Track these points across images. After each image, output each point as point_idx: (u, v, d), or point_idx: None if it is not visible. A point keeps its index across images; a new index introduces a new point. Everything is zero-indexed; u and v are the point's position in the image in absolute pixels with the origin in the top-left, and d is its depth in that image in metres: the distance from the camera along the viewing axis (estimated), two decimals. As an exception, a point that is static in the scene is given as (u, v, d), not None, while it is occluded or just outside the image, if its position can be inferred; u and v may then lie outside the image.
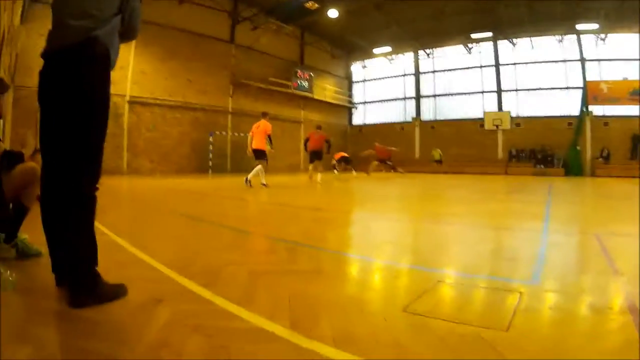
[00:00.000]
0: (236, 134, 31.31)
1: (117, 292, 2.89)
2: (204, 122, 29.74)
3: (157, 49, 26.12)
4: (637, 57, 33.30)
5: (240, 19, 31.99)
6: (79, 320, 2.46)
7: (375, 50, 41.71)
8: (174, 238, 5.25)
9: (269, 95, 34.70)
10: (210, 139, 28.84)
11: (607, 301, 2.98)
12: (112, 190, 13.04)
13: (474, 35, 37.43)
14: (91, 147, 2.91)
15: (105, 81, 2.94)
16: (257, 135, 15.60)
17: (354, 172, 29.38)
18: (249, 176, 14.94)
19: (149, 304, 2.73)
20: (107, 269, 3.53)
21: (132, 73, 24.89)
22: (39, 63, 2.85)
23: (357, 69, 47.53)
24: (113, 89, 3.15)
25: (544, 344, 2.21)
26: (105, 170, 18.32)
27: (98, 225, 5.18)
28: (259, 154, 15.48)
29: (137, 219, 7.28)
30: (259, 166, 15.28)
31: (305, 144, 21.01)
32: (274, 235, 5.59)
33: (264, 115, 16.32)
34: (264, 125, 15.87)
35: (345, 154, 30.82)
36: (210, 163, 28.66)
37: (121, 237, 4.80)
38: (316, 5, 30.04)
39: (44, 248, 3.27)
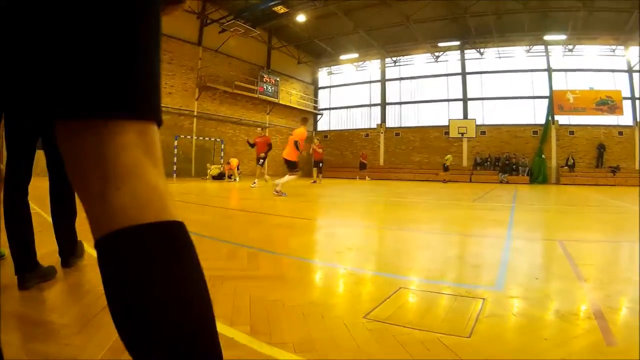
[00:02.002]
0: (201, 138, 31.14)
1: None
2: (169, 125, 29.49)
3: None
4: (604, 68, 34.10)
5: (208, 21, 31.84)
6: (42, 324, 2.43)
7: (342, 57, 41.94)
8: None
9: (235, 99, 34.64)
10: (175, 142, 28.60)
11: (571, 307, 3.02)
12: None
13: (441, 44, 37.80)
14: None
15: None
16: (288, 144, 15.08)
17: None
18: (278, 186, 13.87)
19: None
20: (69, 271, 3.50)
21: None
22: None
23: (323, 75, 47.58)
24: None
25: (507, 349, 2.23)
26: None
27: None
28: (290, 165, 14.91)
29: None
30: (289, 176, 14.72)
31: (251, 145, 20.94)
32: (235, 240, 5.56)
33: (304, 121, 15.66)
34: (296, 132, 15.04)
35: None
36: (175, 167, 28.42)
37: (83, 239, 4.73)
38: (285, 9, 30.10)
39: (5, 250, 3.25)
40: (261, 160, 20.19)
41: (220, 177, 27.05)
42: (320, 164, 28.00)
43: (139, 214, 0.95)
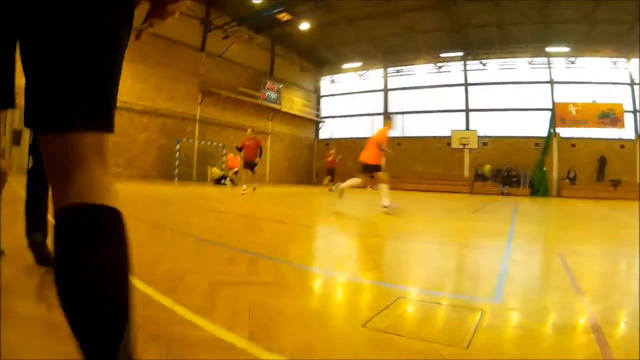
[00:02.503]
0: (203, 143, 31.16)
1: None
2: (171, 129, 29.56)
3: (128, 51, 25.80)
4: (606, 80, 34.17)
5: (212, 27, 31.97)
6: (39, 321, 2.43)
7: (345, 65, 42.09)
8: (136, 244, 5.18)
9: (237, 105, 34.73)
10: (177, 146, 28.62)
11: (569, 320, 3.02)
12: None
13: (443, 55, 37.86)
14: None
15: None
16: (369, 146, 12.83)
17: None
18: (384, 199, 11.71)
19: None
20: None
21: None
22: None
23: (326, 83, 47.72)
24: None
25: (504, 361, 2.23)
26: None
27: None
28: (367, 169, 12.52)
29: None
30: (356, 180, 12.81)
31: (239, 150, 19.01)
32: (236, 245, 5.56)
33: (387, 118, 14.28)
34: (379, 132, 13.33)
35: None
36: (177, 171, 28.44)
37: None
38: (288, 16, 30.22)
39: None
40: (254, 168, 18.51)
41: (221, 180, 27.05)
42: (333, 172, 28.13)
43: (86, 197, 1.26)
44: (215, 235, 6.68)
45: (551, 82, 35.93)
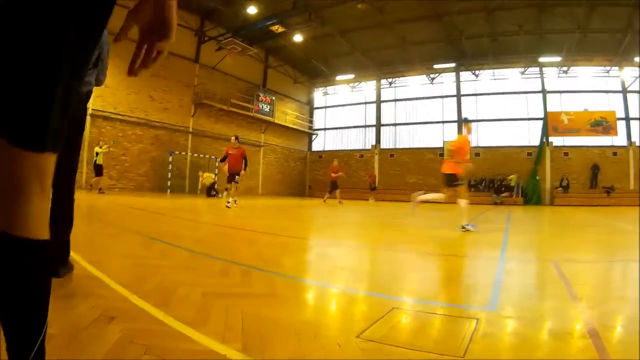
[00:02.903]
0: (196, 155, 31.12)
1: None
2: (164, 141, 29.55)
3: (120, 62, 25.78)
4: (598, 89, 34.45)
5: (206, 39, 32.04)
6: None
7: (338, 77, 42.29)
8: (128, 256, 5.17)
9: (230, 117, 34.79)
10: (170, 158, 28.57)
11: (566, 326, 3.00)
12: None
13: (436, 66, 38.05)
14: None
15: None
16: (449, 155, 11.60)
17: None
18: (463, 220, 10.70)
19: (101, 321, 2.67)
20: (60, 283, 3.48)
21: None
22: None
23: (318, 95, 47.86)
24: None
25: (500, 370, 2.21)
26: (61, 185, 17.99)
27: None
28: (449, 180, 11.28)
29: (93, 234, 7.16)
30: (439, 195, 11.69)
31: (222, 161, 17.98)
32: (228, 257, 5.54)
33: (465, 123, 12.07)
34: (457, 140, 11.69)
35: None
36: (169, 183, 28.37)
37: (76, 251, 4.71)
38: (282, 29, 30.31)
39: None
40: (236, 177, 17.10)
41: (211, 191, 27.04)
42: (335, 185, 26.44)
43: (16, 226, 1.29)
44: (206, 246, 6.66)
45: (543, 91, 36.18)
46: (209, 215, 12.91)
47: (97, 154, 22.14)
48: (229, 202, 16.27)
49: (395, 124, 43.19)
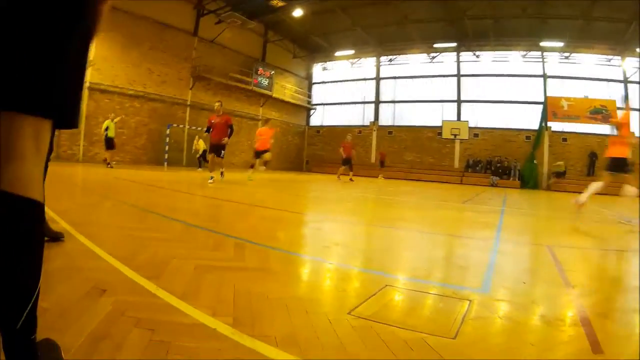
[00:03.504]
0: (194, 128, 31.01)
1: None
2: (162, 114, 29.45)
3: (119, 35, 25.76)
4: (599, 77, 34.31)
5: (205, 12, 31.80)
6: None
7: (338, 53, 42.09)
8: (122, 228, 5.15)
9: (229, 90, 34.61)
10: (168, 131, 28.47)
11: (558, 312, 3.01)
12: (67, 178, 12.84)
13: (437, 45, 37.86)
14: None
15: None
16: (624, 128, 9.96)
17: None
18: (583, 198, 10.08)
19: (92, 293, 2.67)
20: (54, 255, 3.49)
21: (94, 58, 24.33)
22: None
23: (318, 70, 47.65)
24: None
25: (492, 352, 2.21)
26: (61, 158, 17.92)
27: (50, 212, 5.09)
28: (617, 164, 9.68)
29: (88, 207, 7.14)
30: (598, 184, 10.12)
31: (207, 132, 15.59)
32: (223, 230, 5.53)
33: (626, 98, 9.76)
34: (625, 115, 10.49)
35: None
36: (166, 156, 28.30)
37: (71, 225, 4.71)
38: (282, 2, 30.09)
39: None
40: (222, 152, 15.38)
41: (201, 160, 26.89)
42: (350, 162, 24.75)
43: (13, 186, 1.38)
44: (200, 219, 6.65)
45: (544, 76, 36.02)
46: (206, 188, 12.85)
47: (107, 127, 21.79)
48: (212, 180, 14.47)
49: (394, 102, 43.08)
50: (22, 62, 1.35)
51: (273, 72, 39.58)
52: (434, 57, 40.70)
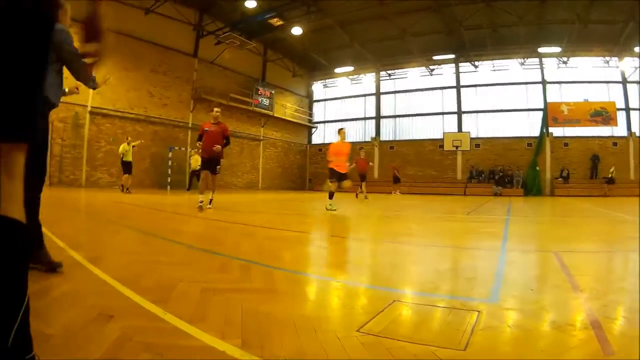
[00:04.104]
0: (195, 150, 31.06)
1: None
2: (163, 137, 29.55)
3: (120, 58, 25.90)
4: (598, 79, 34.43)
5: (204, 33, 32.01)
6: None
7: (337, 70, 42.17)
8: (127, 253, 5.15)
9: (230, 111, 34.69)
10: (170, 154, 28.51)
11: (568, 318, 2.98)
12: (70, 203, 12.86)
13: (436, 57, 37.98)
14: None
15: None
16: None
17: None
18: None
19: (99, 319, 2.66)
20: (60, 281, 3.49)
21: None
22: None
23: (318, 88, 47.79)
24: (75, 99, 3.77)
25: (503, 362, 2.19)
26: (63, 182, 17.95)
27: (53, 237, 5.09)
28: None
29: (92, 232, 7.16)
30: None
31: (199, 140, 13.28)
32: (228, 252, 5.52)
33: None
34: None
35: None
36: (169, 179, 28.31)
37: (75, 250, 4.71)
38: (280, 21, 30.27)
39: None
40: (217, 167, 12.92)
41: (192, 178, 26.20)
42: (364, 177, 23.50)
43: None
44: (205, 242, 6.64)
45: (543, 82, 36.14)
46: (210, 211, 12.82)
47: (124, 151, 21.54)
48: (201, 203, 12.07)
49: (395, 116, 43.20)
50: None
51: (273, 91, 39.75)
52: (433, 70, 40.83)
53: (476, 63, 38.34)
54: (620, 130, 34.36)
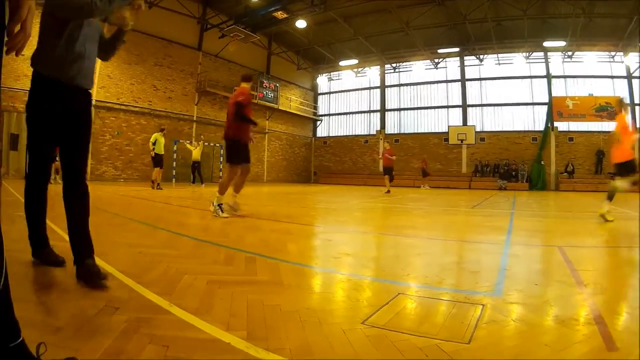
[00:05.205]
0: (200, 143, 31.09)
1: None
2: (168, 130, 29.43)
3: (124, 52, 25.92)
4: (603, 74, 34.30)
5: (208, 26, 31.98)
6: (37, 326, 2.40)
7: (342, 63, 42.02)
8: (133, 246, 5.16)
9: (235, 104, 34.57)
10: (175, 147, 28.49)
11: (571, 312, 2.99)
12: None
13: (440, 50, 37.86)
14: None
15: None
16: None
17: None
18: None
19: (106, 311, 2.69)
20: (67, 275, 3.50)
21: (98, 76, 24.55)
22: None
23: (322, 80, 47.72)
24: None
25: (506, 355, 2.21)
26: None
27: (59, 231, 5.10)
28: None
29: (98, 225, 7.15)
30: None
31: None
32: (233, 245, 5.52)
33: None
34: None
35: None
36: (174, 172, 28.32)
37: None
38: (285, 14, 30.17)
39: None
40: (238, 153, 9.42)
41: (195, 172, 25.57)
42: (391, 172, 23.21)
43: None
44: (210, 234, 6.65)
45: (548, 76, 36.00)
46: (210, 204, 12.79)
47: (154, 142, 19.75)
48: (218, 208, 9.02)
49: (399, 109, 43.16)
50: None
51: (278, 84, 39.75)
52: (437, 63, 40.73)
53: (481, 56, 38.22)
54: (625, 126, 34.17)
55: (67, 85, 3.57)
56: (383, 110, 43.73)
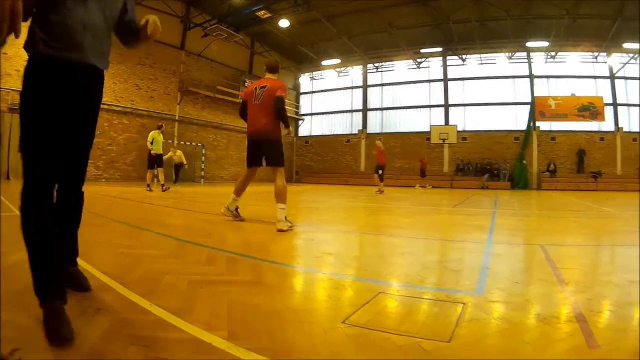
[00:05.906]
0: (182, 143, 30.96)
1: None
2: (150, 129, 29.35)
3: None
4: (586, 74, 34.67)
5: (191, 25, 31.91)
6: (18, 328, 2.39)
7: (324, 62, 42.04)
8: (114, 246, 5.13)
9: (216, 103, 34.68)
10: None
11: (553, 310, 3.01)
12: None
13: (423, 50, 37.99)
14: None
15: None
16: None
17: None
18: None
19: (87, 312, 2.67)
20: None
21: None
22: None
23: (305, 80, 47.70)
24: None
25: (487, 354, 2.23)
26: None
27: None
28: None
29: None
30: None
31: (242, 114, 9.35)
32: (215, 245, 5.51)
33: None
34: None
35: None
36: (156, 172, 28.17)
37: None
38: (268, 14, 30.16)
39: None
40: (263, 159, 9.02)
41: (178, 172, 25.41)
42: (381, 170, 22.18)
43: None
44: (192, 234, 6.63)
45: (531, 76, 36.30)
46: (197, 202, 12.81)
47: (152, 141, 18.81)
48: (235, 211, 8.96)
49: (382, 109, 43.29)
50: None
51: (260, 84, 39.46)
52: (420, 63, 40.89)
53: (464, 56, 38.44)
54: (607, 125, 34.54)
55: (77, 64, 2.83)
56: (365, 110, 43.82)
